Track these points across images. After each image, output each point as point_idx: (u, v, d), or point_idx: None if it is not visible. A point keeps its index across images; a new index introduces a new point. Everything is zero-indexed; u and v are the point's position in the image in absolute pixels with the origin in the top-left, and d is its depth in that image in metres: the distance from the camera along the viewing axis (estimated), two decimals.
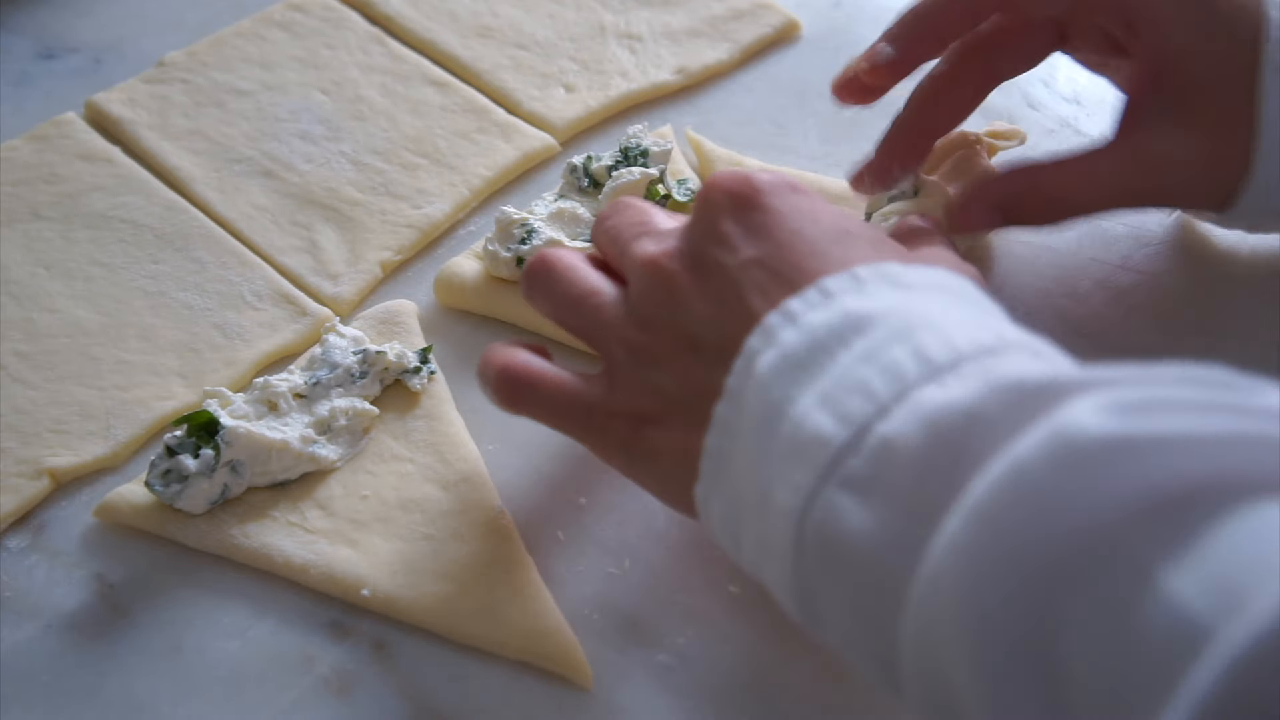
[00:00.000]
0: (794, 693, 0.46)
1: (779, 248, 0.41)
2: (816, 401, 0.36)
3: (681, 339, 0.42)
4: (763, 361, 0.38)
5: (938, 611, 0.31)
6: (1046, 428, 0.30)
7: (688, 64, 0.70)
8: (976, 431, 0.32)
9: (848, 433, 0.35)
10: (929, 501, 0.32)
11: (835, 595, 0.35)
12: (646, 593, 0.49)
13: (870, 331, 0.37)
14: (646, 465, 0.43)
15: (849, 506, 0.34)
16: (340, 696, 0.46)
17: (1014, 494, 0.30)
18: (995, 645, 0.30)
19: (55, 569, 0.50)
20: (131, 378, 0.56)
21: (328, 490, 0.51)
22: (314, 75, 0.70)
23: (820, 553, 0.35)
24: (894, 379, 0.35)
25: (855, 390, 0.35)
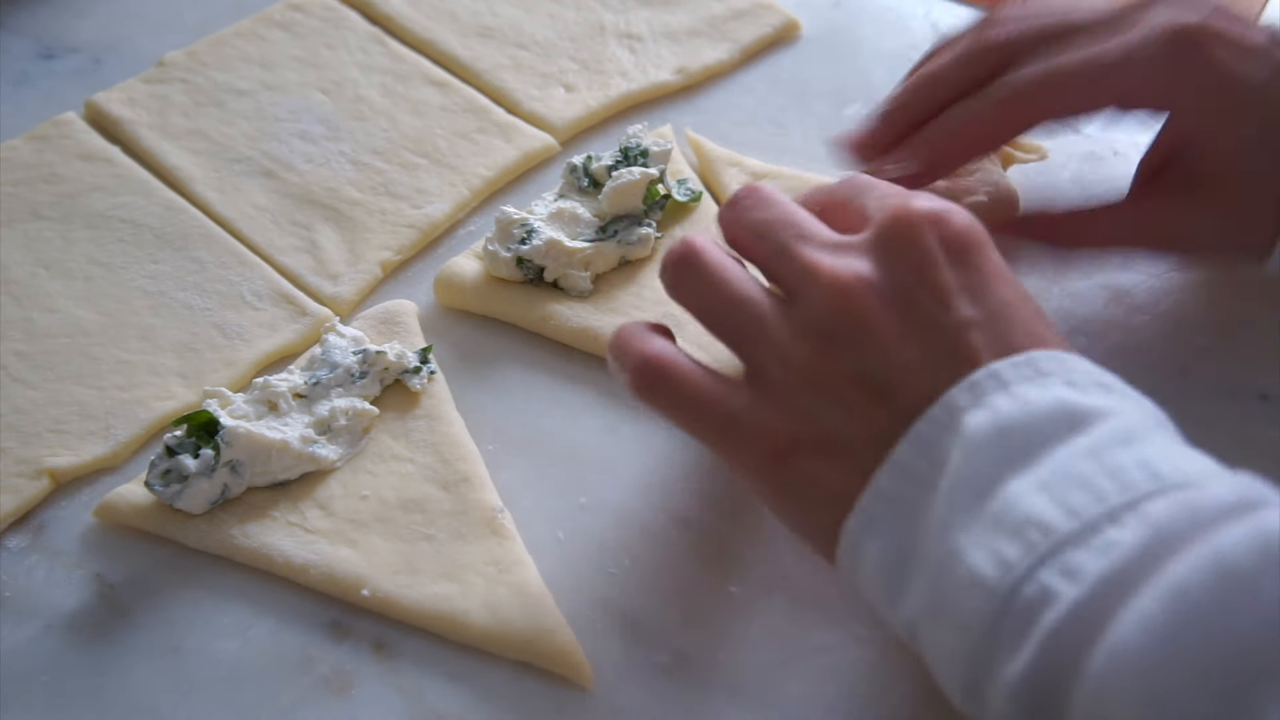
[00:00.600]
0: (794, 693, 0.46)
1: (994, 315, 0.40)
2: (1035, 486, 0.35)
3: (864, 377, 0.40)
4: (973, 421, 0.37)
5: (1116, 683, 0.31)
6: (1254, 522, 0.31)
7: (688, 64, 0.70)
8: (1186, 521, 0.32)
9: (1073, 525, 0.34)
10: (1128, 579, 0.32)
11: (1014, 670, 0.34)
12: (646, 593, 0.49)
13: (1089, 429, 0.36)
14: (789, 491, 0.41)
15: (1062, 591, 0.33)
16: (340, 696, 0.46)
17: (1214, 578, 0.30)
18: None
19: (55, 569, 0.50)
20: (131, 378, 0.56)
21: (328, 490, 0.51)
22: (314, 75, 0.70)
23: (1017, 631, 0.34)
24: (1123, 486, 0.35)
25: (1081, 486, 0.35)
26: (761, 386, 0.42)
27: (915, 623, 0.38)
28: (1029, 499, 0.35)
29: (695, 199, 0.62)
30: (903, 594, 0.38)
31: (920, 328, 0.40)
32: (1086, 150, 0.66)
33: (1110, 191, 0.64)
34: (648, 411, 0.44)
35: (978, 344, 0.39)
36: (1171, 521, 0.33)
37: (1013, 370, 0.38)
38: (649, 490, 0.52)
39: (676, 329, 0.47)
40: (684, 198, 0.62)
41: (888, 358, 0.40)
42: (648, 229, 0.59)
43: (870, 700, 0.45)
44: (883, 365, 0.40)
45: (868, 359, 0.40)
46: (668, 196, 0.61)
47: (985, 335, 0.39)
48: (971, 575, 0.35)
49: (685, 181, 0.62)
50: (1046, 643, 0.33)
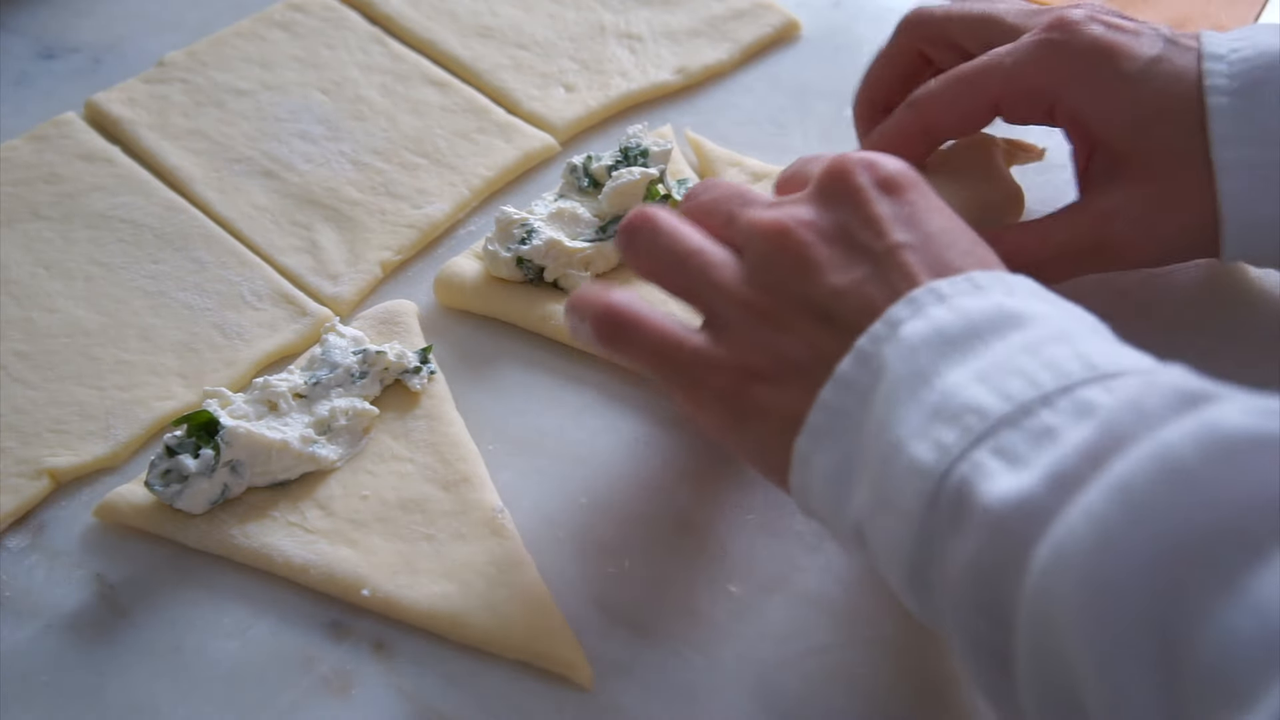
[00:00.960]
0: (794, 693, 0.46)
1: (928, 239, 0.42)
2: (972, 377, 0.37)
3: (810, 306, 0.42)
4: (910, 328, 0.39)
5: (1062, 577, 0.32)
6: (1196, 418, 0.31)
7: (688, 64, 0.70)
8: (1133, 419, 0.33)
9: (1009, 408, 0.35)
10: (1075, 476, 0.33)
11: (956, 555, 0.35)
12: (646, 593, 0.49)
13: (1026, 328, 0.38)
14: (747, 422, 0.43)
15: (997, 471, 0.35)
16: (340, 696, 0.46)
17: (1158, 473, 0.31)
18: (1117, 616, 0.30)
19: (55, 569, 0.50)
20: (131, 378, 0.56)
21: (328, 490, 0.51)
22: (314, 75, 0.70)
23: (953, 510, 0.35)
24: (1059, 374, 0.36)
25: (1016, 374, 0.36)
26: (717, 328, 0.44)
27: (860, 523, 0.39)
28: (966, 388, 0.36)
29: None
30: (848, 499, 0.39)
31: (859, 255, 0.42)
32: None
33: None
34: (641, 405, 0.46)
35: (915, 265, 0.41)
36: (1116, 416, 0.33)
37: (950, 286, 0.39)
38: (649, 490, 0.52)
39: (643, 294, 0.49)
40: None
41: (829, 284, 0.41)
42: None
43: (870, 700, 0.45)
44: (825, 292, 0.41)
45: (810, 287, 0.42)
46: (668, 196, 0.61)
47: (922, 257, 0.41)
48: (911, 462, 0.36)
49: (685, 181, 0.62)
50: (990, 532, 0.34)
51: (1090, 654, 0.31)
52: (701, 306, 0.45)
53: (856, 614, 0.48)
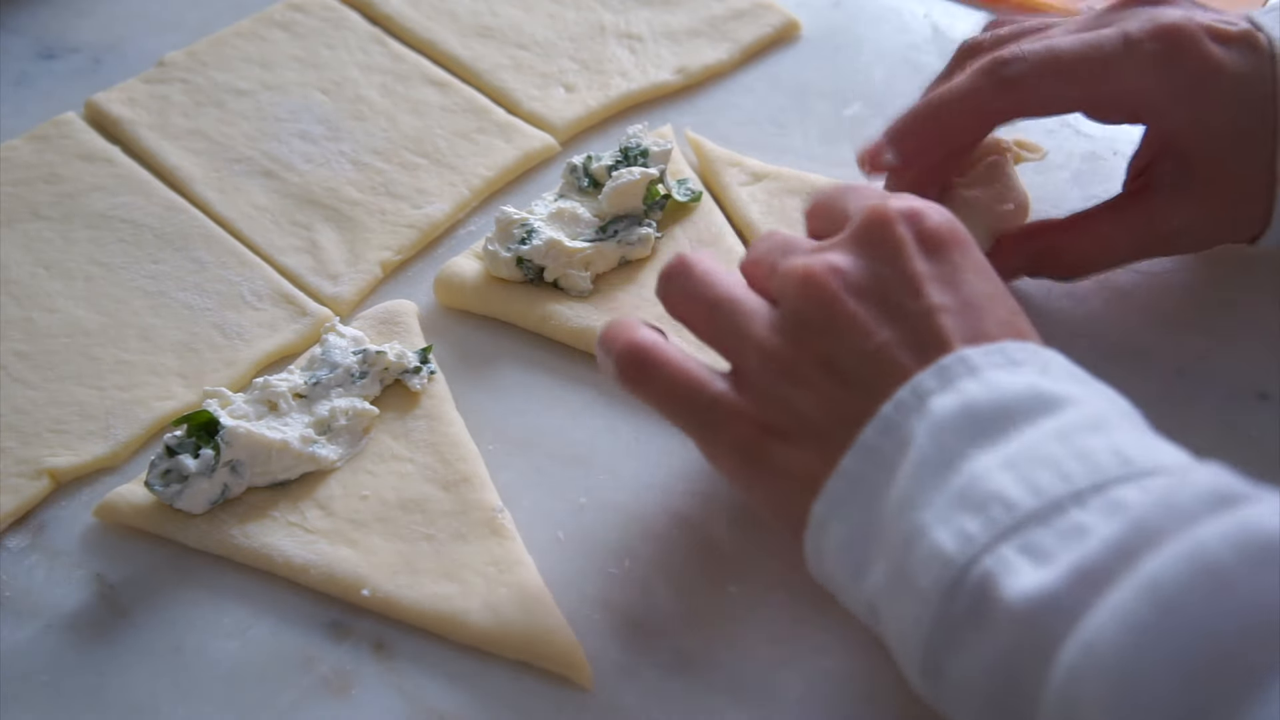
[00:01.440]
0: (794, 693, 0.46)
1: (966, 304, 0.40)
2: (1001, 464, 0.35)
3: (834, 363, 0.40)
4: (939, 403, 0.37)
5: (1090, 676, 0.31)
6: (1232, 518, 0.30)
7: (688, 64, 0.71)
8: (1165, 516, 0.32)
9: (1037, 503, 0.34)
10: (1104, 573, 0.32)
11: (976, 650, 0.34)
12: (646, 593, 0.49)
13: (1059, 413, 0.36)
14: (764, 478, 0.42)
15: (1022, 568, 0.33)
16: (340, 696, 0.46)
17: (1192, 573, 0.30)
18: (1147, 717, 0.29)
19: (55, 569, 0.50)
20: (131, 378, 0.56)
21: (328, 490, 0.51)
22: (314, 75, 0.70)
23: (974, 604, 0.34)
24: (1092, 469, 0.35)
25: (1047, 466, 0.35)
26: (740, 377, 0.43)
27: (876, 601, 0.38)
28: (993, 476, 0.35)
29: (695, 199, 0.62)
30: (865, 573, 0.38)
31: (891, 314, 0.40)
32: (1087, 150, 0.66)
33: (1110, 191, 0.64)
34: (640, 405, 0.45)
35: (949, 330, 0.39)
36: (1148, 514, 0.32)
37: (983, 357, 0.38)
38: (649, 490, 0.52)
39: (676, 332, 0.47)
40: (684, 198, 0.62)
41: (858, 344, 0.40)
42: (648, 229, 0.59)
43: (870, 701, 0.45)
44: (853, 351, 0.40)
45: (838, 345, 0.41)
46: (668, 196, 0.61)
47: (957, 321, 0.40)
48: (932, 549, 0.35)
49: (685, 181, 0.62)
50: (1014, 629, 0.33)
51: None
52: (728, 354, 0.44)
53: None
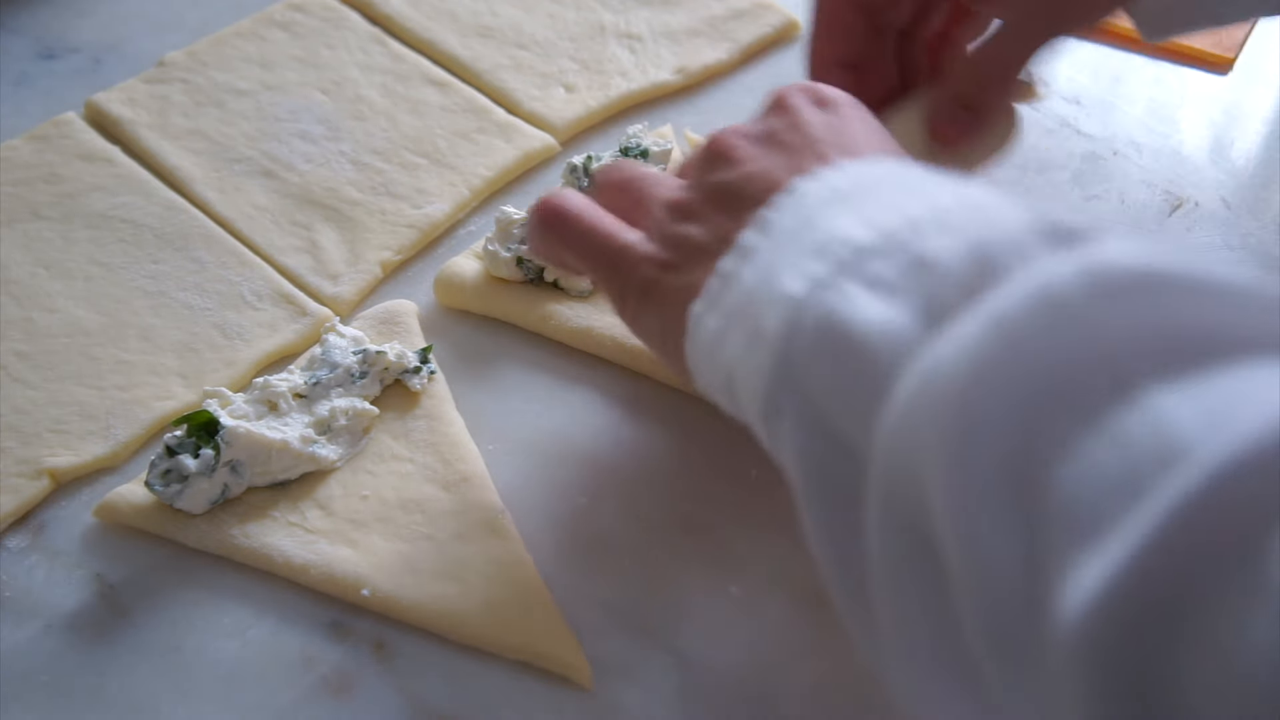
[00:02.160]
0: (794, 693, 0.46)
1: (852, 140, 0.43)
2: (856, 220, 0.37)
3: (723, 193, 0.42)
4: (806, 186, 0.39)
5: (928, 406, 0.31)
6: (1081, 254, 0.30)
7: (688, 64, 0.70)
8: (1010, 252, 0.32)
9: (877, 237, 0.35)
10: (947, 304, 0.32)
11: (812, 379, 0.35)
12: (646, 593, 0.49)
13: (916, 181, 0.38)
14: (665, 311, 0.43)
15: (862, 299, 0.34)
16: (340, 696, 0.46)
17: (1038, 307, 0.30)
18: (981, 450, 0.29)
19: (55, 569, 0.50)
20: (131, 378, 0.56)
21: (328, 490, 0.51)
22: (314, 75, 0.70)
23: (817, 336, 0.35)
24: (931, 205, 0.36)
25: (892, 209, 0.36)
26: (648, 230, 0.45)
27: (731, 370, 0.39)
28: (838, 222, 0.37)
29: None
30: (723, 348, 0.39)
31: (780, 149, 0.43)
32: (1087, 150, 0.66)
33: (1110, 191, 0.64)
34: (641, 405, 0.47)
35: (830, 154, 0.41)
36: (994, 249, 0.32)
37: (854, 162, 0.40)
38: (649, 490, 0.52)
39: None
40: None
41: (745, 170, 0.42)
42: None
43: (870, 701, 0.45)
44: (740, 177, 0.42)
45: (728, 175, 0.43)
46: None
47: (838, 150, 0.42)
48: (779, 294, 0.36)
49: None
50: (851, 357, 0.33)
51: (949, 489, 0.29)
52: (638, 219, 0.46)
53: None
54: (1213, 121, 0.67)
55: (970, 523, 0.29)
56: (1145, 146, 0.66)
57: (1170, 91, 0.70)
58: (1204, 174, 0.64)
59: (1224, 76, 0.71)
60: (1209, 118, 0.68)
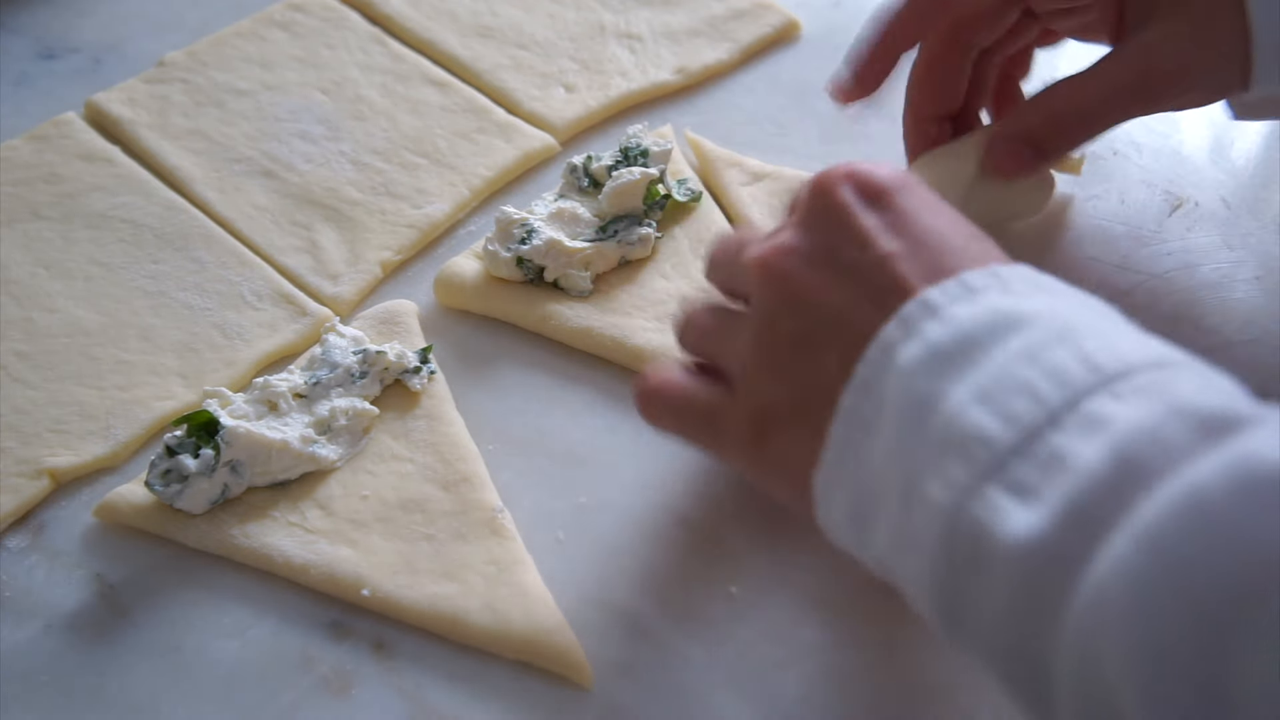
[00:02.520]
0: (794, 693, 0.46)
1: (919, 243, 0.40)
2: (974, 397, 0.35)
3: (804, 338, 0.41)
4: (904, 352, 0.37)
5: (1102, 632, 0.31)
6: (1228, 454, 0.30)
7: (688, 64, 0.70)
8: (1155, 453, 0.31)
9: (1014, 435, 0.34)
10: (1097, 517, 0.32)
11: (985, 598, 0.34)
12: (646, 593, 0.49)
13: (1025, 331, 0.36)
14: (773, 468, 0.42)
15: (1011, 509, 0.33)
16: (340, 696, 0.46)
17: (1189, 520, 0.29)
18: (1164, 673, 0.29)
19: (55, 569, 0.50)
20: (131, 378, 0.56)
21: (328, 490, 0.51)
22: (314, 75, 0.70)
23: (972, 551, 0.34)
24: (1061, 384, 0.34)
25: (1019, 391, 0.34)
26: (731, 382, 0.44)
27: (886, 560, 0.38)
28: (968, 412, 0.35)
29: (695, 199, 0.62)
30: (871, 536, 0.38)
31: (847, 274, 0.40)
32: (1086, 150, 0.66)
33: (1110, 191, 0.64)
34: None
35: (905, 274, 0.39)
36: (1133, 444, 0.32)
37: (942, 294, 0.38)
38: (649, 490, 0.52)
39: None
40: (684, 198, 0.62)
41: (821, 312, 0.40)
42: (648, 229, 0.59)
43: (869, 701, 0.45)
44: (818, 320, 0.40)
45: (804, 319, 0.41)
46: (668, 196, 0.61)
47: (912, 265, 0.39)
48: (923, 500, 0.35)
49: (685, 181, 0.62)
50: (1015, 578, 0.33)
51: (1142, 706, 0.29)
52: (722, 369, 0.45)
53: (856, 614, 0.48)
54: (1213, 121, 0.67)
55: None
56: (1145, 146, 0.66)
57: None
58: (1204, 174, 0.64)
59: None
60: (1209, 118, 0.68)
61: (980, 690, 0.45)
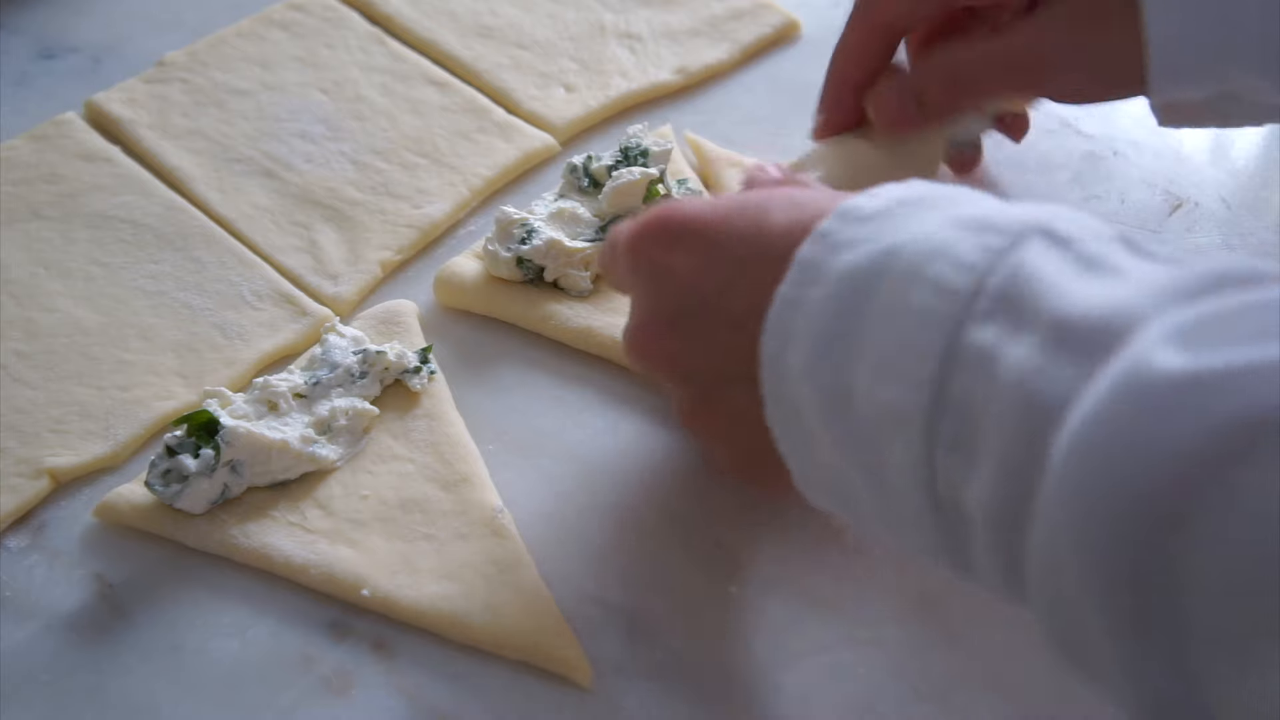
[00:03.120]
0: (793, 693, 0.46)
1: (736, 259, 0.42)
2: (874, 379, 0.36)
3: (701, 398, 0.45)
4: (791, 360, 0.38)
5: (1058, 569, 0.32)
6: (1115, 376, 0.30)
7: (688, 64, 0.70)
8: (1050, 393, 0.32)
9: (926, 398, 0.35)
10: (1026, 472, 0.32)
11: (974, 554, 0.35)
12: (646, 592, 0.49)
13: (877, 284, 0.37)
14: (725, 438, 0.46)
15: (962, 476, 0.34)
16: (340, 696, 0.46)
17: (1092, 451, 0.30)
18: (1115, 584, 0.30)
19: (55, 569, 0.50)
20: (131, 378, 0.56)
21: (328, 490, 0.51)
22: (314, 75, 0.70)
23: (954, 517, 0.35)
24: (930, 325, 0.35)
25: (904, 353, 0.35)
26: None
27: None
28: (878, 396, 0.36)
29: None
30: (854, 514, 0.40)
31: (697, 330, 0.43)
32: (1086, 150, 0.66)
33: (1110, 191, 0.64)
34: (640, 405, 0.50)
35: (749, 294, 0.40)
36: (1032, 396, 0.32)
37: (792, 288, 0.38)
38: (649, 490, 0.52)
39: None
40: (684, 197, 0.62)
41: (703, 368, 0.44)
42: None
43: (869, 700, 0.45)
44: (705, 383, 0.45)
45: (693, 384, 0.45)
46: (668, 196, 0.61)
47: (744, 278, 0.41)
48: (887, 484, 0.36)
49: (685, 181, 0.62)
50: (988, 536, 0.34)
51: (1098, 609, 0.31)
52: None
53: (856, 614, 0.48)
54: None
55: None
56: (1145, 146, 0.66)
57: None
58: (1204, 174, 0.64)
59: None
60: None
61: (980, 690, 0.45)
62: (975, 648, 0.47)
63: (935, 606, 0.48)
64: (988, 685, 0.46)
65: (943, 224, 0.37)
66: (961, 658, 0.46)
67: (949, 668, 0.46)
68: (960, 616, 0.47)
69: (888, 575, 0.49)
